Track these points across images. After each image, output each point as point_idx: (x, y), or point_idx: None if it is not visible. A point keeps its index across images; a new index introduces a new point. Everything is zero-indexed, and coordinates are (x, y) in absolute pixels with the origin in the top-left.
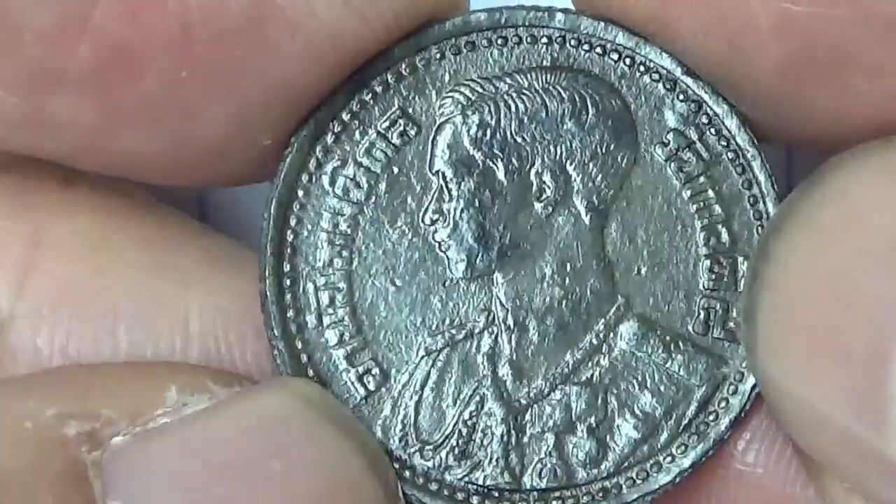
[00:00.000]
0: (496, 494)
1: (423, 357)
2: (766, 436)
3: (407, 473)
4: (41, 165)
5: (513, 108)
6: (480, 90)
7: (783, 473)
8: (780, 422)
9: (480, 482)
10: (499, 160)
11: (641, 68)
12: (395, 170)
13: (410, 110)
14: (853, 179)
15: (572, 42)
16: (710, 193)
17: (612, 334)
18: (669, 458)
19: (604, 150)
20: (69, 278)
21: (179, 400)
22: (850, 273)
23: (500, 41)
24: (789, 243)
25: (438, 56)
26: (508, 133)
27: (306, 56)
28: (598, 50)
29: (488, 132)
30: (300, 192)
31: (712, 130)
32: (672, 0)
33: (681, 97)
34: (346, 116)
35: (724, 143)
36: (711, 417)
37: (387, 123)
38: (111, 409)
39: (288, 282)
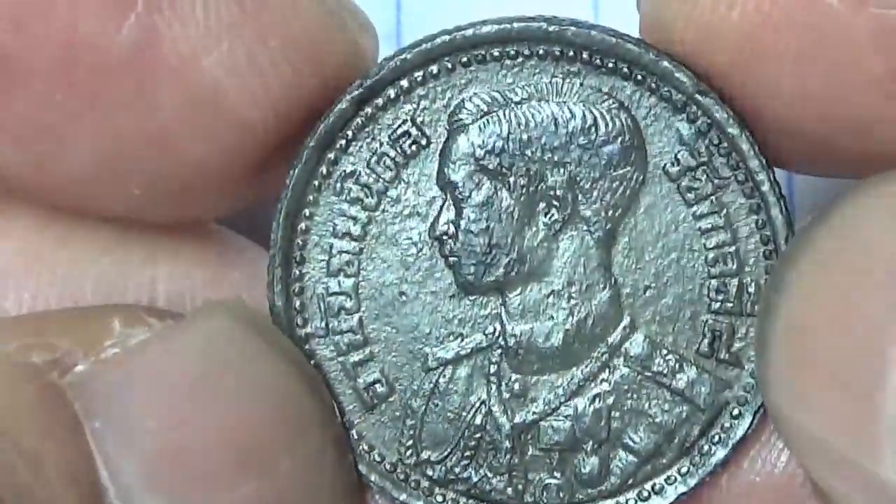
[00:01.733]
0: None
1: (429, 370)
2: (770, 446)
3: (412, 484)
4: None
5: (523, 124)
6: (490, 104)
7: (787, 482)
8: (790, 451)
9: (484, 496)
10: (508, 175)
11: (653, 86)
12: (405, 181)
13: (420, 121)
14: (864, 211)
15: (584, 57)
16: (719, 215)
17: (617, 354)
18: (670, 480)
19: (613, 169)
20: (37, 245)
21: (124, 332)
22: (849, 303)
23: (511, 54)
24: (798, 274)
25: (449, 67)
26: (518, 148)
27: (186, 108)
28: (610, 66)
29: (497, 147)
30: (309, 201)
31: (722, 152)
32: (769, 21)
33: (691, 116)
34: (355, 125)
35: (734, 165)
36: (714, 440)
37: (397, 134)
38: (67, 342)
39: (296, 290)
